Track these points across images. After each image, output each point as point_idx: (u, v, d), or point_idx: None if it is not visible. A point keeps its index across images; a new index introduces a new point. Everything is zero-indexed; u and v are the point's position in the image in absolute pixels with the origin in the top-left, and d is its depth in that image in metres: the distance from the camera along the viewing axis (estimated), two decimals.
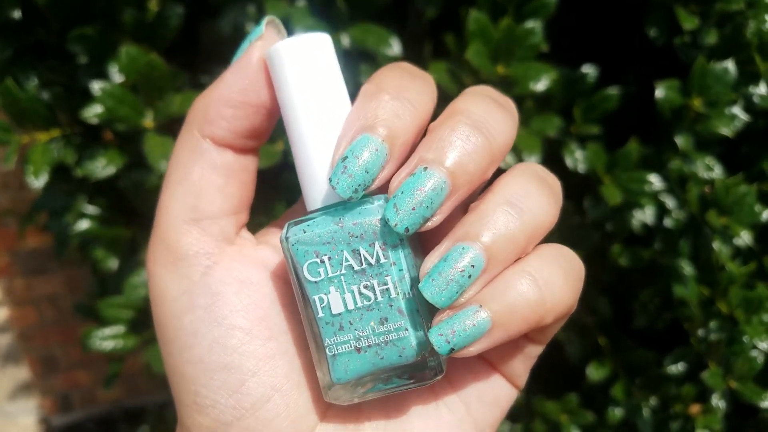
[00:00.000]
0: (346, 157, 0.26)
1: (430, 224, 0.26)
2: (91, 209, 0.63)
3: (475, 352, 0.26)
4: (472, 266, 0.25)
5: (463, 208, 0.27)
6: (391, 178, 0.26)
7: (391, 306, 0.27)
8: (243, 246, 0.30)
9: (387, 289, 0.26)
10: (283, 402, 0.28)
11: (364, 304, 0.27)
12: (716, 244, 0.61)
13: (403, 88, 0.27)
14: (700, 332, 0.69)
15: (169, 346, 0.29)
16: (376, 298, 0.27)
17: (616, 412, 0.74)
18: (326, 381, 0.28)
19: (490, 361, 0.31)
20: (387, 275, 0.26)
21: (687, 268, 0.65)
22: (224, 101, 0.28)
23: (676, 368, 0.71)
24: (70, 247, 0.70)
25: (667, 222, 0.63)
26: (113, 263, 0.62)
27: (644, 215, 0.62)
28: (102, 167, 0.55)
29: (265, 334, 0.28)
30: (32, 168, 0.54)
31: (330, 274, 0.27)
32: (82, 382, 1.90)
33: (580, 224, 0.64)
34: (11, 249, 1.73)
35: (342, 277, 0.27)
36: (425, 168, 0.25)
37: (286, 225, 0.27)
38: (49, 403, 1.93)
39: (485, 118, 0.26)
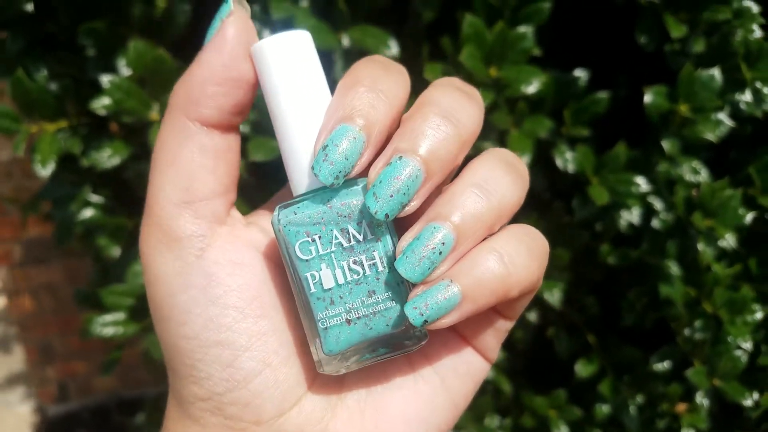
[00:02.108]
0: (327, 146, 0.27)
1: (408, 209, 0.27)
2: (95, 198, 0.64)
3: (448, 323, 0.28)
4: (443, 244, 0.27)
5: (438, 192, 0.29)
6: (370, 163, 0.28)
7: (378, 279, 0.28)
8: (234, 227, 0.31)
9: (374, 264, 0.28)
10: (273, 375, 0.29)
11: (353, 278, 0.28)
12: (701, 246, 0.63)
13: (378, 80, 0.28)
14: (686, 331, 0.70)
15: (164, 323, 0.30)
16: (364, 273, 0.28)
17: (604, 409, 0.74)
18: (319, 353, 0.29)
19: (465, 336, 0.33)
20: (374, 251, 0.28)
21: (674, 269, 0.66)
22: (207, 80, 0.29)
23: (662, 366, 0.72)
24: (72, 236, 0.72)
25: (655, 223, 0.64)
26: (115, 251, 0.64)
27: (631, 216, 0.63)
28: (107, 157, 0.57)
29: (257, 312, 0.29)
30: (39, 157, 0.56)
31: (321, 252, 0.28)
32: (79, 371, 1.91)
33: (570, 224, 0.66)
34: (11, 238, 1.74)
35: (332, 254, 0.28)
36: (400, 157, 0.27)
37: (277, 208, 0.29)
38: (46, 392, 1.94)
39: (453, 108, 0.28)
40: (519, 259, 0.28)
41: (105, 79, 0.52)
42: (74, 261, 1.76)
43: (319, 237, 0.28)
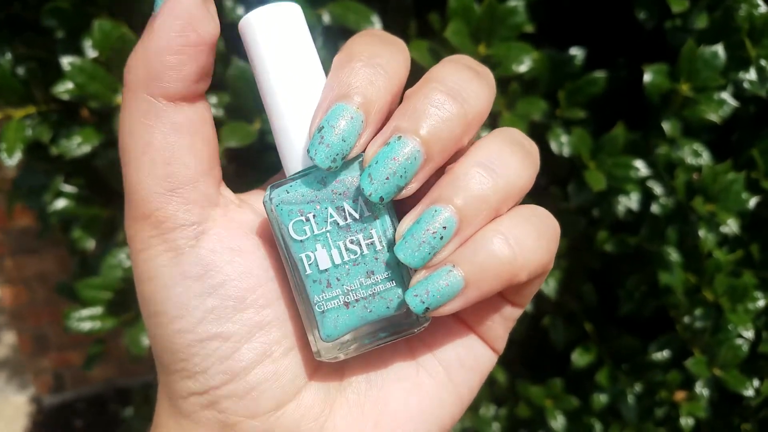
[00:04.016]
0: (323, 127, 0.26)
1: (405, 192, 0.26)
2: (68, 188, 0.62)
3: (450, 310, 0.26)
4: (444, 228, 0.26)
5: (440, 173, 0.27)
6: (369, 144, 0.27)
7: (376, 259, 0.27)
8: (227, 208, 0.29)
9: (372, 243, 0.27)
10: (273, 367, 0.28)
11: (350, 258, 0.27)
12: (702, 232, 0.61)
13: (375, 55, 0.27)
14: (686, 320, 0.69)
15: (157, 318, 0.28)
16: (362, 252, 0.27)
17: (601, 398, 0.74)
18: (316, 339, 0.28)
19: (470, 324, 0.31)
20: (372, 229, 0.27)
21: (673, 255, 0.65)
22: (165, 49, 0.26)
23: (661, 355, 0.71)
24: (50, 227, 0.69)
25: (654, 208, 0.63)
26: (90, 243, 0.61)
27: (629, 201, 0.61)
28: (77, 145, 0.54)
29: (259, 302, 0.28)
30: (5, 145, 0.53)
31: (316, 232, 0.27)
32: (74, 361, 1.91)
33: (567, 210, 0.64)
34: (1, 228, 1.72)
35: (328, 233, 0.27)
36: (399, 137, 0.26)
37: (269, 187, 0.27)
38: (41, 382, 1.94)
39: (460, 86, 0.27)
40: (527, 241, 0.26)
41: (66, 62, 0.49)
42: (65, 250, 1.74)
43: (314, 216, 0.27)
